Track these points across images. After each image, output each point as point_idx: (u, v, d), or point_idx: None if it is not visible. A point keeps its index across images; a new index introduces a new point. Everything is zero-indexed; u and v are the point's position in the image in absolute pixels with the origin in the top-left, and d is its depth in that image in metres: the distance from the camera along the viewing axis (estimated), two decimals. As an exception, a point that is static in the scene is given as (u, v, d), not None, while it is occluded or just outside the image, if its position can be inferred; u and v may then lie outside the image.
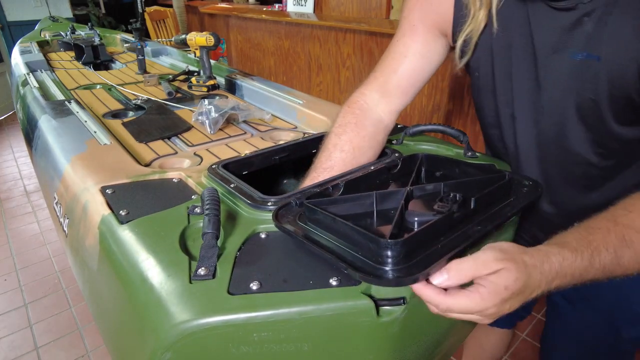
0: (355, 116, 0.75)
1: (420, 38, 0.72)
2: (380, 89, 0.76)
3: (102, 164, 0.79)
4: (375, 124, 0.75)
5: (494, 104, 0.71)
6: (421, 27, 0.72)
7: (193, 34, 1.46)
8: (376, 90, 0.76)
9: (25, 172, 2.98)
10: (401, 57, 0.74)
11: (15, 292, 1.87)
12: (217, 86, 1.46)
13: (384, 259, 0.46)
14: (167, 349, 0.43)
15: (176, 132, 1.04)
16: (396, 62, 0.74)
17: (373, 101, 0.76)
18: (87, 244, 0.64)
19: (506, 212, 0.57)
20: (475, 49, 0.68)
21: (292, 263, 0.51)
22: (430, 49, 0.73)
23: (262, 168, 0.82)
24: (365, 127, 0.74)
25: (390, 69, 0.75)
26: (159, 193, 0.68)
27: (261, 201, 0.63)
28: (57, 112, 1.08)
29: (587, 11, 0.54)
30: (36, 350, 1.58)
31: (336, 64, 2.59)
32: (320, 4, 3.19)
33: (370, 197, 0.60)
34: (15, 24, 4.30)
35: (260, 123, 1.13)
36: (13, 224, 2.39)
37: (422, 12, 0.72)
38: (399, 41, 0.74)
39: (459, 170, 0.72)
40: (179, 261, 0.51)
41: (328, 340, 0.47)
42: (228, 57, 3.71)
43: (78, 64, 1.85)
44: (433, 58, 0.74)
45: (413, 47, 0.73)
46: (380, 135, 0.76)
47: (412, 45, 0.73)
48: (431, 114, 2.09)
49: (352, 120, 0.74)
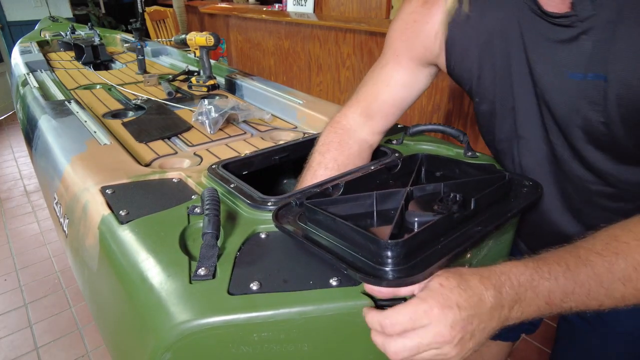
0: (338, 135, 0.75)
1: (404, 69, 0.72)
2: (362, 112, 0.76)
3: (102, 164, 0.79)
4: (359, 143, 0.76)
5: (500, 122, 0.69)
6: (405, 58, 0.72)
7: (193, 34, 1.46)
8: (359, 113, 0.77)
9: (25, 172, 2.98)
10: (383, 85, 0.74)
11: (15, 292, 1.87)
12: (217, 86, 1.46)
13: (384, 259, 0.46)
14: (167, 349, 0.43)
15: (176, 132, 1.04)
16: (378, 89, 0.75)
17: (356, 123, 0.77)
18: (87, 244, 0.64)
19: (506, 213, 0.57)
20: None
21: (292, 263, 0.51)
22: (413, 79, 0.73)
23: (262, 168, 0.82)
24: (350, 146, 0.75)
25: (372, 96, 0.75)
26: (159, 193, 0.68)
27: (261, 201, 0.63)
28: (57, 112, 1.08)
29: (585, 29, 0.51)
30: (36, 350, 1.58)
31: (336, 64, 2.59)
32: (320, 4, 3.19)
33: (370, 197, 0.60)
34: (15, 24, 4.30)
35: (260, 123, 1.13)
36: (13, 224, 2.39)
37: (407, 44, 0.71)
38: (383, 68, 0.74)
39: (459, 170, 0.72)
40: (179, 261, 0.51)
41: (328, 341, 0.47)
42: (228, 57, 3.72)
43: (78, 64, 1.85)
44: (416, 87, 0.74)
45: (395, 76, 0.73)
46: (364, 153, 0.77)
47: (395, 75, 0.73)
48: (431, 114, 2.09)
49: (336, 139, 0.75)
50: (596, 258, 0.47)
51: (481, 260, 0.58)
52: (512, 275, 0.45)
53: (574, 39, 0.53)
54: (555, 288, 0.46)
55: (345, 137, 0.75)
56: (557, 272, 0.46)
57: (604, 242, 0.49)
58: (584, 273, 0.46)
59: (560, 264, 0.47)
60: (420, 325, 0.42)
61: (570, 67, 0.54)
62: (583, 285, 0.46)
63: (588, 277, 0.46)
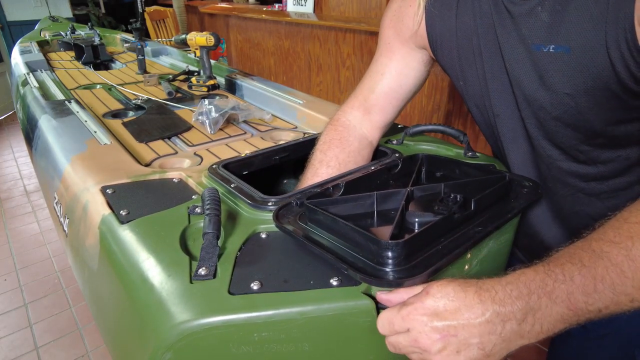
0: (339, 133, 0.76)
1: (397, 55, 0.74)
2: (360, 107, 0.77)
3: (102, 163, 0.79)
4: (359, 139, 0.76)
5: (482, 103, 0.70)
6: (396, 45, 0.73)
7: (193, 34, 1.46)
8: (357, 108, 0.78)
9: (25, 172, 2.98)
10: (378, 75, 0.75)
11: (15, 292, 1.87)
12: (217, 86, 1.46)
13: (385, 259, 0.46)
14: (167, 349, 0.43)
15: (176, 132, 1.04)
16: (373, 81, 0.76)
17: (355, 119, 0.77)
18: (87, 243, 0.64)
19: (506, 213, 0.57)
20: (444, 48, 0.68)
21: (293, 263, 0.51)
22: (407, 65, 0.74)
23: (262, 168, 0.82)
24: (351, 143, 0.75)
25: (367, 88, 0.77)
26: (159, 193, 0.68)
27: (262, 201, 0.63)
28: (57, 112, 1.08)
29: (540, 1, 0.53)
30: (36, 350, 1.58)
31: (336, 64, 2.59)
32: (320, 4, 3.19)
33: (371, 197, 0.60)
34: (15, 24, 4.30)
35: (261, 123, 1.13)
36: (13, 224, 2.38)
37: (395, 30, 0.73)
38: (377, 61, 0.76)
39: (459, 170, 0.72)
40: (179, 261, 0.51)
41: (328, 340, 0.47)
42: (228, 57, 3.71)
43: (78, 64, 1.85)
44: (411, 74, 0.75)
45: (389, 65, 0.74)
46: (365, 150, 0.77)
47: (389, 64, 0.74)
48: (431, 114, 2.09)
49: (337, 136, 0.75)
50: (610, 247, 0.42)
51: (481, 260, 0.58)
52: (520, 283, 0.41)
53: (532, 11, 0.54)
54: (573, 289, 0.41)
55: (345, 134, 0.76)
56: (572, 271, 0.41)
57: (615, 228, 0.44)
58: (601, 266, 0.41)
59: (573, 262, 0.42)
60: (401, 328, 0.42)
61: (533, 40, 0.55)
62: (604, 280, 0.41)
63: (607, 269, 0.41)
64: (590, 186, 0.63)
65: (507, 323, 0.40)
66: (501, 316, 0.40)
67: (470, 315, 0.40)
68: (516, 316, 0.40)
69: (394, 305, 0.44)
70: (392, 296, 0.45)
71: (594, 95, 0.53)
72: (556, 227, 0.72)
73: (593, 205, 0.65)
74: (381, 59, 0.75)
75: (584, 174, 0.63)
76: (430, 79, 1.98)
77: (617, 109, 0.53)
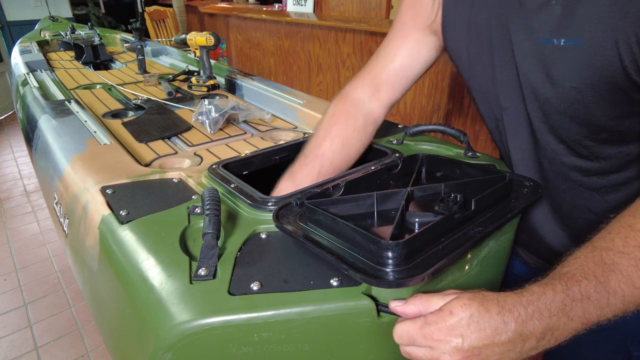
0: (346, 108, 0.77)
1: (411, 36, 0.75)
2: (370, 83, 0.78)
3: (102, 164, 0.79)
4: (365, 116, 0.77)
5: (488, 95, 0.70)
6: (412, 26, 0.74)
7: (193, 34, 1.46)
8: (367, 84, 0.78)
9: (25, 172, 2.98)
10: (391, 54, 0.76)
11: (15, 292, 1.87)
12: (217, 86, 1.46)
13: (385, 260, 0.46)
14: (167, 349, 0.43)
15: (176, 132, 1.04)
16: (386, 58, 0.77)
17: (364, 94, 0.78)
18: (87, 244, 0.64)
19: (507, 213, 0.57)
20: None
21: (293, 263, 0.51)
22: (420, 47, 0.75)
23: (262, 168, 0.82)
24: (357, 119, 0.76)
25: (380, 65, 0.78)
26: (159, 193, 0.68)
27: (261, 201, 0.62)
28: (57, 112, 1.08)
29: None
30: (36, 350, 1.58)
31: (336, 64, 2.59)
32: (320, 4, 3.19)
33: (371, 197, 0.60)
34: (15, 24, 4.30)
35: (261, 123, 1.13)
36: (13, 224, 2.38)
37: (412, 12, 0.74)
38: (391, 39, 0.77)
39: (459, 170, 0.72)
40: (179, 261, 0.51)
41: (329, 341, 0.47)
42: (228, 57, 3.71)
43: (78, 64, 1.85)
44: (422, 55, 0.76)
45: (403, 45, 0.75)
46: (369, 127, 0.78)
47: (403, 43, 0.75)
48: (431, 114, 2.09)
49: (344, 111, 0.77)
50: (621, 258, 0.44)
51: (482, 260, 0.58)
52: (542, 305, 0.42)
53: (546, 4, 0.54)
54: (589, 307, 0.43)
55: (353, 110, 0.77)
56: (589, 290, 0.43)
57: (622, 236, 0.46)
58: (614, 280, 0.43)
59: (588, 279, 0.44)
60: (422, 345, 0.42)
61: (544, 33, 0.55)
62: (616, 293, 0.43)
63: (619, 283, 0.43)
64: (591, 181, 0.64)
65: (527, 342, 0.42)
66: (523, 336, 0.41)
67: (495, 337, 0.41)
68: (536, 335, 0.42)
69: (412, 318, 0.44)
70: (407, 308, 0.45)
71: (599, 89, 0.53)
72: (555, 222, 0.72)
73: (592, 199, 0.66)
74: (395, 37, 0.77)
75: (586, 168, 0.63)
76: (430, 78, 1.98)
77: (622, 104, 0.54)
